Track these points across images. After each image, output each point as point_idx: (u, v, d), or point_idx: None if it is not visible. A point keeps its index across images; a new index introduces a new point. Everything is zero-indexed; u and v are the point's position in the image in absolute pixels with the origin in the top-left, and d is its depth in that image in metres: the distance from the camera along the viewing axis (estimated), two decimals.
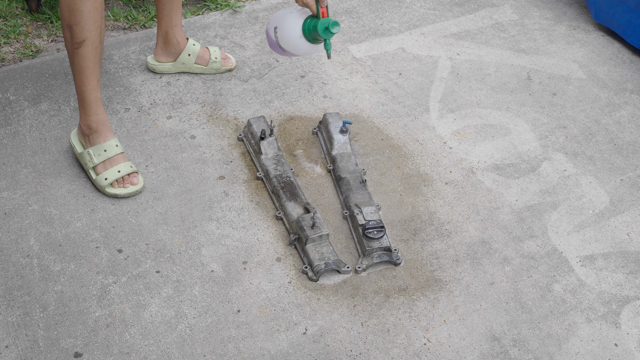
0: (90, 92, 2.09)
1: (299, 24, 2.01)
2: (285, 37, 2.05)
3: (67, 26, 1.98)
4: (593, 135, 2.52)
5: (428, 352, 1.87)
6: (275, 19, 2.10)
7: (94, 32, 1.99)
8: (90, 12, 1.96)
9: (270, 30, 2.09)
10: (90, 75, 2.06)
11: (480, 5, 3.06)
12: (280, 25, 2.05)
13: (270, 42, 2.11)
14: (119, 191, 2.14)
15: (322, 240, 2.06)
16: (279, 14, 2.09)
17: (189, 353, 1.83)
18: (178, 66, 2.55)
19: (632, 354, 1.91)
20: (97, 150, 2.14)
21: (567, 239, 2.18)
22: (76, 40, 1.99)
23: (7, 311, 1.87)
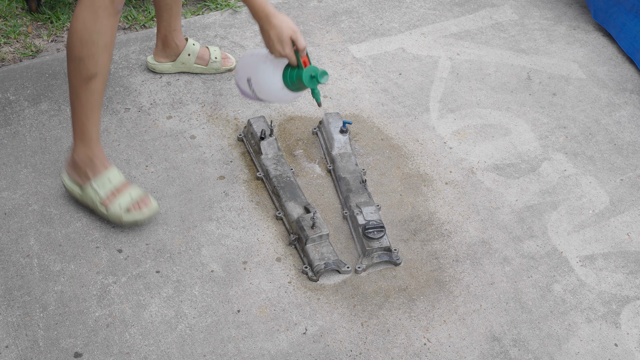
0: (93, 125, 1.97)
1: (277, 76, 1.87)
2: (265, 89, 1.92)
3: (77, 58, 1.85)
4: (593, 135, 2.52)
5: (428, 352, 1.87)
6: (245, 69, 1.94)
7: (106, 66, 1.88)
8: (106, 46, 1.84)
9: (242, 82, 1.96)
10: (96, 109, 1.95)
11: (480, 5, 3.06)
12: (255, 77, 1.91)
13: (244, 92, 2.00)
14: (136, 216, 2.03)
15: (322, 240, 2.06)
16: (247, 62, 1.94)
17: (189, 353, 1.83)
18: (178, 66, 2.54)
19: (632, 354, 1.91)
20: (101, 181, 2.02)
21: (567, 239, 2.18)
22: (86, 74, 1.86)
23: (7, 311, 1.87)
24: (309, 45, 2.77)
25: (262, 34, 1.83)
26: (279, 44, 1.80)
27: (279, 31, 1.78)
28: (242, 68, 1.97)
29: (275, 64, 1.87)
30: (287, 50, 1.81)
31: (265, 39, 1.82)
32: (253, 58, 1.93)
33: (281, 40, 1.79)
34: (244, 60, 1.98)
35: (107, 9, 1.80)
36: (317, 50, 2.76)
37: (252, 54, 1.95)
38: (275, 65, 1.87)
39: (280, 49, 1.80)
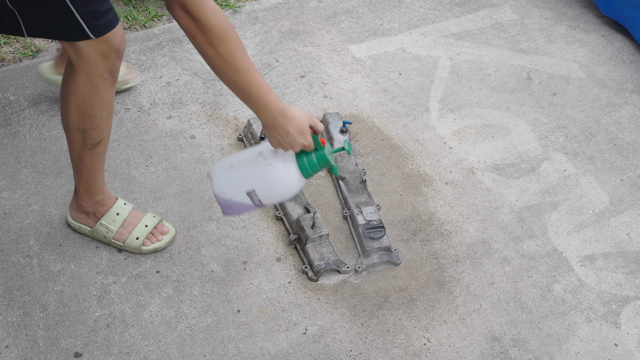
0: (99, 178, 1.92)
1: (292, 170, 1.64)
2: (279, 191, 1.67)
3: (79, 130, 1.77)
4: (593, 135, 2.52)
5: (428, 352, 1.87)
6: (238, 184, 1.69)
7: (110, 129, 1.81)
8: (109, 113, 1.76)
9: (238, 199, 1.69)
10: (101, 166, 1.89)
11: (480, 5, 3.06)
12: (260, 185, 1.66)
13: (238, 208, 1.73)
14: (156, 245, 2.00)
15: (322, 240, 2.06)
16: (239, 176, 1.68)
17: (189, 353, 1.83)
18: None
19: (632, 354, 1.91)
20: (110, 217, 1.98)
21: (567, 239, 2.18)
22: (91, 142, 1.80)
23: (7, 311, 1.87)
24: (309, 46, 2.77)
25: (274, 132, 1.60)
26: (300, 136, 1.60)
27: (298, 123, 1.59)
28: (232, 184, 1.70)
29: (284, 158, 1.65)
30: (309, 139, 1.62)
31: (282, 136, 1.59)
32: (245, 168, 1.68)
33: (303, 131, 1.60)
34: (229, 176, 1.70)
35: (106, 81, 1.69)
36: (317, 50, 2.76)
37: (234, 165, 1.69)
38: (285, 160, 1.65)
39: (303, 140, 1.60)
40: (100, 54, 1.63)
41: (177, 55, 2.67)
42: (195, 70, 2.61)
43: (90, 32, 1.58)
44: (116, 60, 1.67)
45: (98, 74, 1.67)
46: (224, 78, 1.57)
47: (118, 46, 1.65)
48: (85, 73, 1.66)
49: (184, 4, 1.48)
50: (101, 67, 1.66)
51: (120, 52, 1.67)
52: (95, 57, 1.63)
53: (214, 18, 1.49)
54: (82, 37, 1.59)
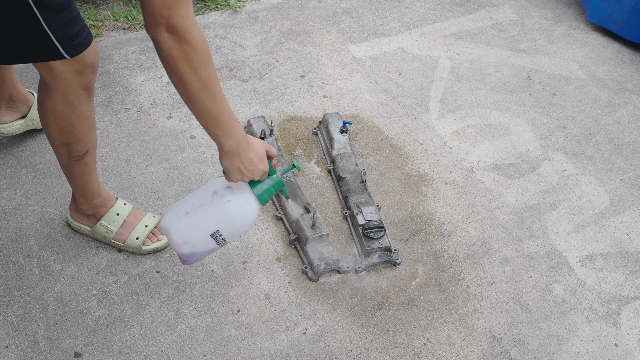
0: (94, 182, 1.91)
1: (251, 201, 1.63)
2: (239, 226, 1.65)
3: (63, 144, 1.75)
4: (593, 135, 2.52)
5: (428, 352, 1.87)
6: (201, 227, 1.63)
7: (94, 138, 1.79)
8: (90, 125, 1.75)
9: (202, 244, 1.65)
10: (93, 173, 1.88)
11: (480, 5, 3.06)
12: (224, 223, 1.63)
13: (202, 254, 1.69)
14: (156, 245, 2.01)
15: (322, 240, 2.06)
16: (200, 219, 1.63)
17: (189, 353, 1.83)
18: (28, 123, 2.23)
19: (632, 354, 1.91)
20: (110, 218, 1.98)
21: (567, 239, 2.18)
22: (77, 154, 1.79)
23: (7, 311, 1.87)
24: (309, 46, 2.77)
25: (236, 161, 1.56)
26: (261, 163, 1.59)
27: (258, 149, 1.59)
28: (193, 231, 1.64)
29: (240, 190, 1.63)
30: (267, 165, 1.62)
31: (245, 164, 1.57)
32: (204, 212, 1.63)
33: (262, 157, 1.60)
34: (187, 223, 1.64)
35: (82, 97, 1.68)
36: (317, 50, 2.76)
37: (190, 212, 1.64)
38: (241, 191, 1.63)
39: (263, 166, 1.60)
40: (75, 72, 1.62)
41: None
42: None
43: (65, 52, 1.57)
44: (91, 76, 1.66)
45: (73, 92, 1.66)
46: (197, 104, 1.47)
47: (92, 62, 1.64)
48: (61, 92, 1.65)
49: (173, 24, 1.36)
50: (76, 84, 1.65)
51: (95, 67, 1.65)
52: (69, 76, 1.62)
53: (201, 41, 1.40)
54: (57, 57, 1.58)
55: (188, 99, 1.47)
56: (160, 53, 1.41)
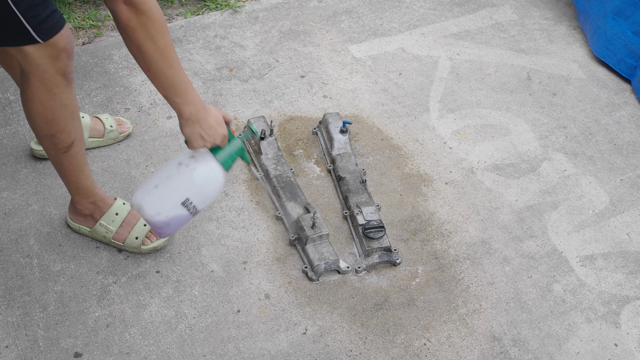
0: (86, 179, 1.90)
1: (215, 167, 1.69)
2: (208, 193, 1.71)
3: (47, 136, 1.75)
4: (593, 135, 2.52)
5: (428, 352, 1.87)
6: (171, 198, 1.69)
7: (79, 129, 1.79)
8: (73, 114, 1.74)
9: (175, 213, 1.70)
10: (84, 167, 1.87)
11: (480, 5, 3.06)
12: (193, 191, 1.68)
13: (177, 224, 1.74)
14: (155, 244, 2.00)
15: (322, 240, 2.06)
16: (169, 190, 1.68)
17: (189, 353, 1.83)
18: None
19: (632, 354, 1.91)
20: (109, 218, 1.98)
21: (567, 239, 2.18)
22: (63, 146, 1.78)
23: (7, 311, 1.87)
24: (309, 45, 2.77)
25: (196, 127, 1.63)
26: (220, 127, 1.66)
27: (216, 115, 1.65)
28: (164, 202, 1.69)
29: (203, 159, 1.68)
30: (226, 129, 1.69)
31: (204, 129, 1.64)
32: (172, 182, 1.68)
33: (220, 122, 1.66)
34: (157, 196, 1.69)
35: (61, 83, 1.68)
36: (317, 50, 2.76)
37: (158, 185, 1.69)
38: (205, 160, 1.69)
39: (223, 130, 1.67)
40: (50, 58, 1.63)
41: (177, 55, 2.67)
42: (195, 70, 2.61)
43: (37, 36, 1.58)
44: (67, 62, 1.67)
45: (50, 78, 1.66)
46: (157, 73, 1.54)
47: (65, 46, 1.64)
48: (38, 78, 1.66)
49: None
50: (52, 70, 1.65)
51: (69, 52, 1.66)
52: (44, 61, 1.63)
53: (157, 11, 1.48)
54: (30, 41, 1.58)
55: (147, 68, 1.54)
56: (119, 24, 1.47)
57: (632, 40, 2.67)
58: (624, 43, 2.69)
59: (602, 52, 2.78)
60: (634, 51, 2.67)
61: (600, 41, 2.77)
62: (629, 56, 2.69)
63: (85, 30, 2.74)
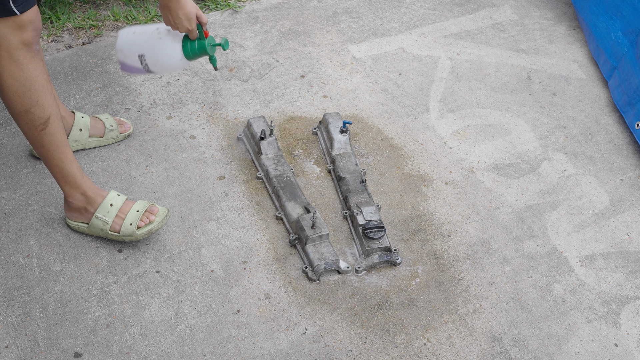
0: (71, 164, 1.93)
1: (177, 49, 1.95)
2: (161, 62, 1.99)
3: (23, 112, 1.80)
4: (593, 135, 2.52)
5: (428, 352, 1.87)
6: (134, 46, 1.99)
7: (53, 104, 1.83)
8: (44, 86, 1.79)
9: (130, 59, 1.99)
10: (65, 148, 1.90)
11: (480, 5, 3.06)
12: (150, 52, 1.97)
13: (132, 69, 2.02)
14: (149, 227, 2.00)
15: (322, 240, 2.06)
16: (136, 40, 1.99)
17: (189, 353, 1.83)
18: (71, 145, 2.20)
19: (632, 354, 1.91)
20: (104, 209, 1.99)
21: (567, 239, 2.18)
22: (40, 122, 1.82)
23: (7, 311, 1.87)
24: (309, 45, 2.77)
25: (167, 12, 1.88)
26: (187, 21, 1.88)
27: (187, 11, 1.87)
28: (130, 46, 2.00)
29: (172, 37, 1.95)
30: (193, 25, 1.90)
31: (172, 17, 1.88)
32: (143, 35, 1.99)
33: (189, 17, 1.88)
34: (130, 38, 2.00)
35: (26, 54, 1.74)
36: (317, 50, 2.76)
37: (136, 32, 2.00)
38: (173, 38, 1.95)
39: (188, 25, 1.89)
40: (17, 29, 1.70)
41: None
42: (195, 70, 2.62)
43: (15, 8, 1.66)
44: (33, 33, 1.74)
45: (16, 47, 1.72)
46: None
47: (32, 19, 1.72)
48: (4, 49, 1.72)
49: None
50: (17, 41, 1.72)
51: (36, 25, 1.74)
52: (10, 32, 1.70)
53: None
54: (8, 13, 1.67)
55: None
56: None
57: (619, 40, 2.66)
58: (612, 43, 2.68)
59: (595, 52, 2.78)
60: (618, 51, 2.65)
61: (594, 41, 2.78)
62: (612, 56, 2.67)
63: (85, 30, 2.74)
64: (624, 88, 2.53)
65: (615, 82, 2.60)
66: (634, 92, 2.46)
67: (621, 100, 2.53)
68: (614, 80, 2.63)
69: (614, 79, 2.62)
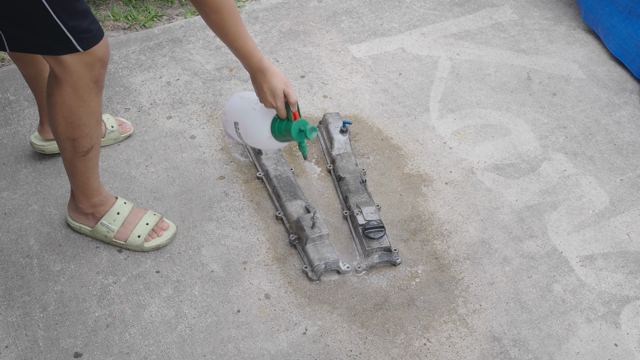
0: (95, 180, 1.92)
1: (266, 125, 1.88)
2: (251, 135, 1.93)
3: (68, 139, 1.77)
4: (593, 135, 2.52)
5: (428, 352, 1.87)
6: (233, 112, 1.95)
7: (100, 135, 1.83)
8: (98, 120, 1.77)
9: (229, 125, 1.97)
10: (95, 169, 1.89)
11: (480, 5, 3.06)
12: (242, 122, 1.93)
13: (230, 135, 2.01)
14: (158, 241, 2.01)
15: (322, 240, 2.06)
16: (236, 106, 1.95)
17: (189, 353, 1.83)
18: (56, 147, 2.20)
19: (632, 354, 1.91)
20: (110, 217, 1.98)
21: (567, 239, 2.18)
22: (82, 150, 1.80)
23: (7, 311, 1.87)
24: (309, 45, 2.77)
25: (254, 84, 1.81)
26: (271, 97, 1.79)
27: (272, 86, 1.77)
28: (231, 110, 1.96)
29: (265, 112, 1.88)
30: (279, 104, 1.80)
31: (258, 90, 1.81)
32: (243, 102, 1.93)
33: (275, 94, 1.78)
34: (233, 102, 1.96)
35: (92, 90, 1.70)
36: (317, 50, 2.76)
37: (242, 97, 1.95)
38: (265, 113, 1.88)
39: (273, 102, 1.80)
40: (85, 65, 1.64)
41: (177, 55, 2.67)
42: (195, 70, 2.62)
43: (78, 45, 1.59)
44: (101, 70, 1.68)
45: (84, 85, 1.67)
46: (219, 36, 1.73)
47: (102, 56, 1.65)
48: (71, 85, 1.66)
49: None
50: (86, 78, 1.66)
51: (104, 61, 1.67)
52: (80, 69, 1.64)
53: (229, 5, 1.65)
54: (71, 50, 1.59)
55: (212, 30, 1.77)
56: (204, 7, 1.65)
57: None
58: (635, 42, 2.70)
59: (618, 51, 2.80)
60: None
61: (615, 40, 2.79)
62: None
63: None
64: None
65: None
66: None
67: None
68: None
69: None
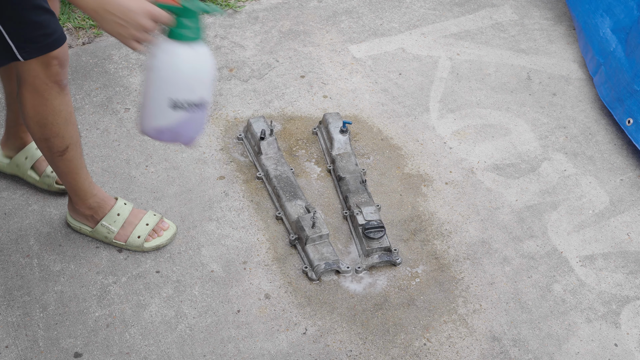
0: (84, 181, 1.91)
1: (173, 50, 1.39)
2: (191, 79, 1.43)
3: (42, 139, 1.76)
4: (593, 135, 2.52)
5: (428, 352, 1.87)
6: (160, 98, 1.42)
7: (75, 134, 1.80)
8: (66, 120, 1.74)
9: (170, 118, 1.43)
10: (80, 170, 1.88)
11: (480, 5, 3.06)
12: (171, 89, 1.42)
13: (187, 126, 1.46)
14: (158, 242, 2.01)
15: (322, 240, 2.06)
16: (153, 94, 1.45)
17: (189, 353, 1.83)
18: (12, 167, 2.13)
19: (632, 354, 1.91)
20: (110, 218, 1.98)
21: (567, 239, 2.18)
22: (58, 150, 1.78)
23: (7, 311, 1.87)
24: (309, 45, 2.77)
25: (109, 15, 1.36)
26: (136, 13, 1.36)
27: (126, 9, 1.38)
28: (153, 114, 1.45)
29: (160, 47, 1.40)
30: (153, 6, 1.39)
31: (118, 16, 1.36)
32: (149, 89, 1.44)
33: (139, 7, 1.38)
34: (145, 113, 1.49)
35: (53, 90, 1.68)
36: (317, 50, 2.76)
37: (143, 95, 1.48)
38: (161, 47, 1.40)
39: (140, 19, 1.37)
40: (41, 64, 1.64)
41: None
42: None
43: (19, 54, 1.59)
44: (59, 69, 1.67)
45: (42, 84, 1.67)
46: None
47: (57, 55, 1.64)
48: (30, 84, 1.67)
49: None
50: (43, 77, 1.66)
51: (61, 60, 1.65)
52: (36, 68, 1.64)
53: None
54: (12, 59, 1.60)
55: None
56: None
57: (606, 37, 2.65)
58: (599, 40, 2.68)
59: (584, 49, 2.78)
60: (605, 48, 2.63)
61: (583, 37, 2.77)
62: (599, 53, 2.66)
63: (85, 30, 2.74)
64: (612, 84, 2.52)
65: (602, 78, 2.60)
66: (624, 89, 2.45)
67: (609, 97, 2.53)
68: (599, 77, 2.63)
69: (600, 76, 2.62)
